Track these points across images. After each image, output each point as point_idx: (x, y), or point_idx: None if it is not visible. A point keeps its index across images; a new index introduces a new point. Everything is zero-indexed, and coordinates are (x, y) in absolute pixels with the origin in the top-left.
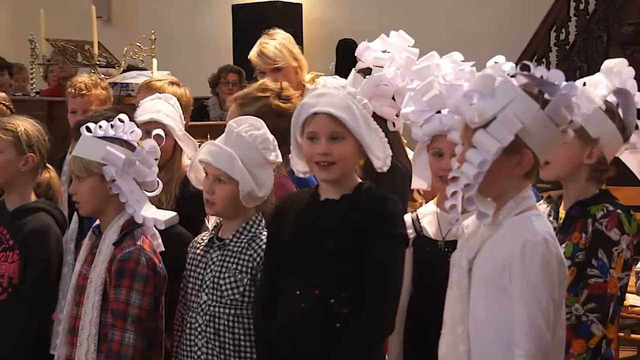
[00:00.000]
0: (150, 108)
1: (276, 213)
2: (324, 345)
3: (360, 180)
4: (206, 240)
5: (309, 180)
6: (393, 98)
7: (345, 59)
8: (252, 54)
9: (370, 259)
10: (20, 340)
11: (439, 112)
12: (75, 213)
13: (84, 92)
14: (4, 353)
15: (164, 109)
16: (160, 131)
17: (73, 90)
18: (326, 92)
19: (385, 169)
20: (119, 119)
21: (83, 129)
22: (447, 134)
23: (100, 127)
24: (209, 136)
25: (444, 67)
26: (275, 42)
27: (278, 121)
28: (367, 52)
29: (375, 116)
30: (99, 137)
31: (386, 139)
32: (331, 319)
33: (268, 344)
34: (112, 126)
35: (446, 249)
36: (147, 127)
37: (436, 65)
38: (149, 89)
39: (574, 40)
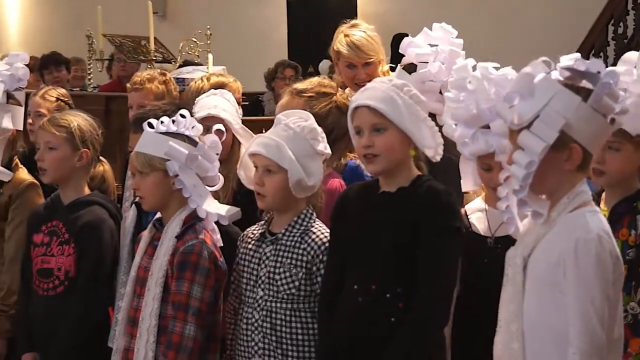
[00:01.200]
0: (207, 104)
1: (337, 205)
2: (379, 340)
3: (419, 174)
4: (257, 235)
5: (359, 174)
6: (440, 92)
7: (399, 54)
8: (341, 46)
9: (425, 253)
10: (77, 331)
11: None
12: (133, 206)
13: (138, 86)
14: (61, 344)
15: (221, 104)
16: (221, 126)
17: (130, 85)
18: (370, 86)
19: (437, 158)
20: (181, 115)
21: (145, 125)
22: (495, 156)
23: (162, 122)
24: (263, 131)
25: (479, 83)
26: (365, 34)
27: (341, 116)
28: (410, 48)
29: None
30: (161, 133)
31: (437, 128)
32: (387, 314)
33: (329, 339)
34: (173, 122)
35: (496, 245)
36: (206, 123)
37: (472, 78)
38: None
39: (632, 34)
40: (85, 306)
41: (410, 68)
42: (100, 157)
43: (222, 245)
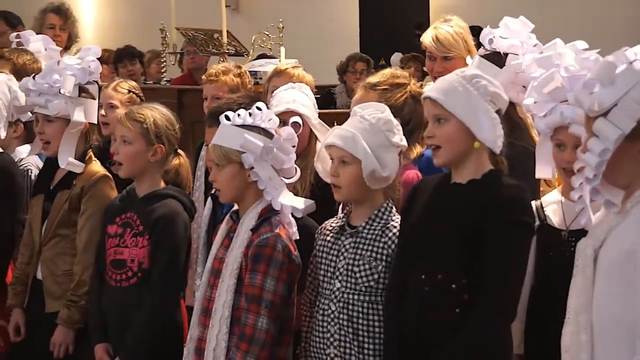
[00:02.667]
0: (285, 98)
1: (409, 196)
2: (444, 330)
3: (491, 167)
4: (337, 228)
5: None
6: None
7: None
8: (426, 38)
9: (491, 247)
10: (150, 322)
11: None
12: (209, 198)
13: (212, 78)
14: (135, 335)
15: (299, 98)
16: (297, 118)
17: (204, 77)
18: (441, 78)
19: (497, 151)
20: (257, 107)
21: (222, 118)
22: (569, 127)
23: (238, 115)
24: (335, 124)
25: (567, 57)
26: (452, 30)
27: (417, 105)
28: (500, 41)
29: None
30: (237, 126)
31: (498, 120)
32: (452, 305)
33: (396, 327)
34: (250, 114)
35: (570, 239)
36: (284, 117)
37: (558, 55)
38: (286, 75)
39: None
40: (159, 298)
41: (494, 58)
42: (178, 151)
43: (297, 238)
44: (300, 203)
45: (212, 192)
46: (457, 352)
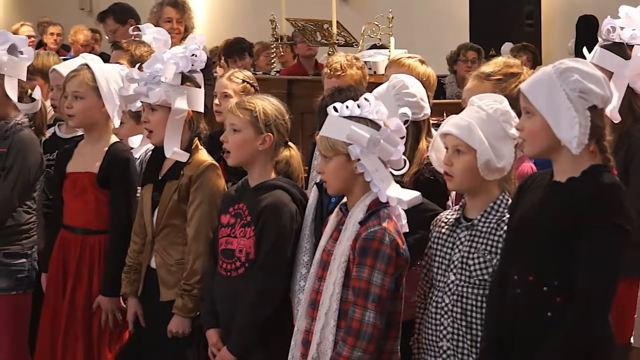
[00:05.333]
0: None
1: (517, 191)
2: (535, 333)
3: (592, 163)
4: (452, 220)
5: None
6: None
7: (585, 36)
8: None
9: (585, 250)
10: (256, 313)
11: None
12: (314, 187)
13: (339, 72)
14: (241, 326)
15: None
16: (406, 109)
17: (329, 71)
18: (541, 68)
19: (573, 151)
20: (365, 98)
21: (330, 109)
22: None
23: (346, 107)
24: (445, 114)
25: None
26: None
27: None
28: (623, 31)
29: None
30: (345, 117)
31: (577, 120)
32: (543, 307)
33: (495, 327)
34: (358, 106)
35: None
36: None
37: None
38: (397, 66)
39: None
40: (264, 288)
41: (616, 48)
42: (289, 143)
43: (407, 231)
44: (406, 195)
45: (318, 181)
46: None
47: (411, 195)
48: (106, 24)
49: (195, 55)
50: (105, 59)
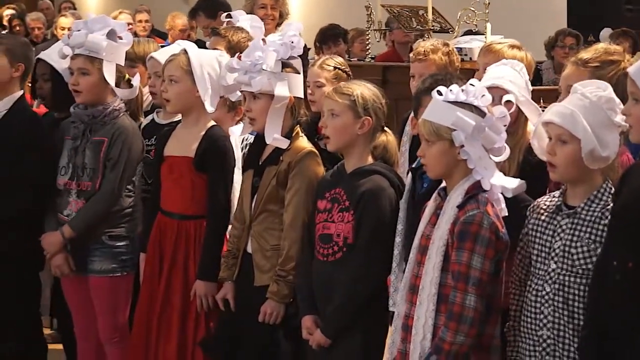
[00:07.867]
0: (494, 74)
1: (621, 179)
2: (635, 321)
3: None
4: (552, 207)
5: None
6: None
7: None
8: None
9: None
10: (352, 297)
11: None
12: (409, 172)
13: (421, 57)
14: (336, 309)
15: (507, 74)
16: (511, 97)
17: (412, 56)
18: None
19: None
20: (471, 84)
21: (434, 93)
22: None
23: (451, 91)
24: (542, 100)
25: None
26: None
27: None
28: None
29: None
30: (449, 102)
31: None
32: None
33: (598, 315)
34: (463, 91)
35: None
36: (490, 93)
37: None
38: (488, 51)
39: None
40: (363, 272)
41: None
42: (385, 127)
43: (506, 215)
44: (510, 183)
45: (413, 165)
46: None
47: (516, 182)
48: (198, 21)
49: (293, 42)
50: (201, 45)
